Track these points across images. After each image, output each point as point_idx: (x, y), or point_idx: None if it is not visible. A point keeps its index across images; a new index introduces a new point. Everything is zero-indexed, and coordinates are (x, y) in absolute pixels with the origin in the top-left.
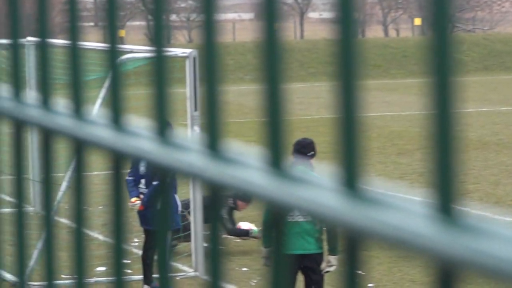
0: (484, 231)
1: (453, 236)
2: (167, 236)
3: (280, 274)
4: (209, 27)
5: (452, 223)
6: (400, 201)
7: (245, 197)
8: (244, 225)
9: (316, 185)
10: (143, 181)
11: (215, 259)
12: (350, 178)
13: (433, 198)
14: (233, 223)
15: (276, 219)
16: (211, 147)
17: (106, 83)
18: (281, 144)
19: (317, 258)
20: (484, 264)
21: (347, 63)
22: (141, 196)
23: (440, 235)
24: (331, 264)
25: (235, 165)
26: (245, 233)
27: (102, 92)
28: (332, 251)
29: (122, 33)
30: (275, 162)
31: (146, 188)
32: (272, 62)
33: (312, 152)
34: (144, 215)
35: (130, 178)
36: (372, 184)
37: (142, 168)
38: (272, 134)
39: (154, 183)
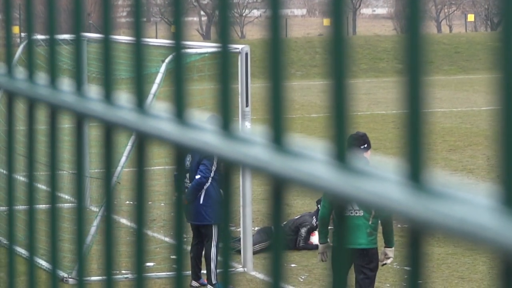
0: None
1: None
2: (229, 231)
3: (341, 268)
4: (274, 22)
5: None
6: (464, 194)
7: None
8: (314, 239)
9: (381, 179)
10: (187, 175)
11: (276, 262)
12: (415, 171)
13: (497, 191)
14: (307, 239)
15: (338, 212)
16: (276, 141)
17: (158, 79)
18: (345, 138)
19: (369, 253)
20: None
21: (413, 59)
22: (186, 190)
23: (504, 228)
24: (388, 257)
25: (300, 158)
26: (316, 247)
27: (154, 88)
28: (388, 244)
29: (172, 28)
30: (340, 155)
31: (190, 183)
32: (339, 58)
33: (366, 145)
34: (188, 210)
35: (175, 173)
36: (435, 177)
37: (187, 163)
38: (337, 128)
39: (197, 177)
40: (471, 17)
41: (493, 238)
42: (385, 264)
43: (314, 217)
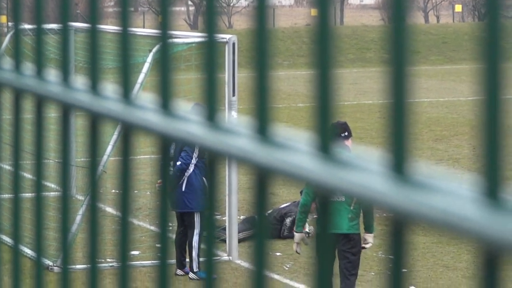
0: None
1: (499, 220)
2: (213, 219)
3: (325, 254)
4: (261, 12)
5: (499, 207)
6: (447, 185)
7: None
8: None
9: (365, 169)
10: (171, 163)
11: (260, 251)
12: (399, 162)
13: (480, 183)
14: (292, 228)
15: (322, 202)
16: (261, 132)
17: (145, 68)
18: (329, 129)
19: (350, 238)
20: None
21: (399, 49)
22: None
23: (486, 218)
24: (367, 242)
25: (285, 149)
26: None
27: (140, 77)
28: (368, 229)
29: (159, 18)
30: (324, 146)
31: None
32: (325, 48)
33: (346, 133)
34: (170, 197)
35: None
36: (419, 168)
37: (171, 151)
38: (322, 118)
39: (178, 163)
40: (458, 8)
41: (476, 229)
42: (364, 248)
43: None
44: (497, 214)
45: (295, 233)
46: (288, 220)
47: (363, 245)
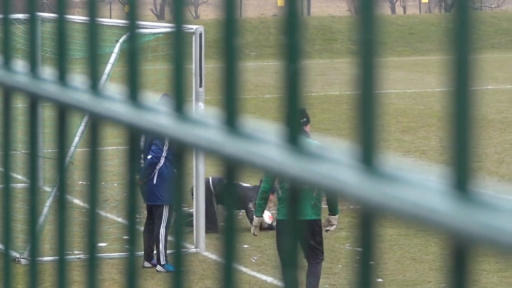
0: (498, 207)
1: (467, 212)
2: (182, 211)
3: (293, 241)
4: (228, 3)
5: (467, 199)
6: (415, 177)
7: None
8: (265, 217)
9: (333, 161)
10: (142, 156)
11: (229, 241)
12: (367, 154)
13: (448, 175)
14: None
15: (291, 191)
16: (229, 123)
17: (112, 59)
18: (298, 120)
19: (313, 224)
20: (498, 240)
21: (366, 40)
22: (140, 171)
23: (454, 210)
24: (331, 224)
25: (253, 141)
26: (269, 228)
27: (108, 68)
28: (332, 211)
29: (126, 8)
30: (292, 137)
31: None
32: (292, 38)
33: (305, 119)
34: (142, 190)
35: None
36: (387, 160)
37: (141, 143)
38: (290, 109)
39: (148, 157)
40: None
41: (444, 222)
42: (328, 230)
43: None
44: (465, 206)
45: (254, 217)
46: (251, 205)
47: (327, 228)
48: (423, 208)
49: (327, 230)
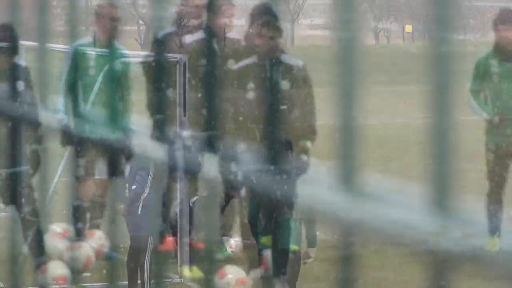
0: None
1: (446, 229)
2: (164, 240)
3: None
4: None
5: (447, 217)
6: (396, 197)
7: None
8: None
9: (313, 182)
10: (127, 186)
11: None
12: (347, 175)
13: (428, 194)
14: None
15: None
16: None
17: (95, 87)
18: (282, 145)
19: (292, 255)
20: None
21: (348, 69)
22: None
23: (434, 227)
24: (309, 256)
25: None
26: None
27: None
28: (310, 244)
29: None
30: (273, 160)
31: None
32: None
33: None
34: (126, 220)
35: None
36: (368, 181)
37: (126, 174)
38: (272, 134)
39: (133, 187)
40: (408, 28)
41: (422, 239)
42: (306, 263)
43: None
44: (444, 222)
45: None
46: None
47: (305, 261)
48: (403, 226)
49: (304, 263)
